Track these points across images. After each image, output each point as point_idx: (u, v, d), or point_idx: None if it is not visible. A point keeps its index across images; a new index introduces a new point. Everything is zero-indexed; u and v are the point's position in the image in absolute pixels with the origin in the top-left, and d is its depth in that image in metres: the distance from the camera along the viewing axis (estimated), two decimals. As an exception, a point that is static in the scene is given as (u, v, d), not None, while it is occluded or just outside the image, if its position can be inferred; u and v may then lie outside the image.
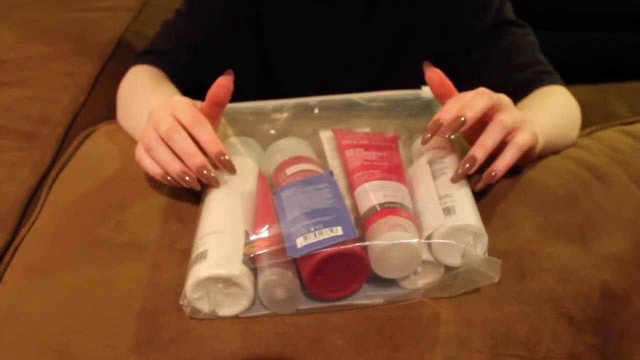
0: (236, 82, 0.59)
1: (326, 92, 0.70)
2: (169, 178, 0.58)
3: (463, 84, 0.85)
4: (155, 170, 0.58)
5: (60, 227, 0.63)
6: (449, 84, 0.60)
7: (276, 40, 0.88)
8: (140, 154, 0.59)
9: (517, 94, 0.76)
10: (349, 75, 0.89)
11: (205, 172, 0.56)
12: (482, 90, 0.58)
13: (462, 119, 0.55)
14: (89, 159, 0.72)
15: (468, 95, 0.58)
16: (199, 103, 0.60)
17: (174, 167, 0.56)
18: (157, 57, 0.82)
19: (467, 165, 0.56)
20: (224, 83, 0.58)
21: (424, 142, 0.57)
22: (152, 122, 0.59)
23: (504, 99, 0.60)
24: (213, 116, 0.60)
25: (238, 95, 0.65)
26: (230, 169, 0.57)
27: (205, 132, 0.57)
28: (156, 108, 0.59)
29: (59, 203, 0.67)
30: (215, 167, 0.57)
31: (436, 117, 0.57)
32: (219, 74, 0.60)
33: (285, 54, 0.89)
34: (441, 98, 0.60)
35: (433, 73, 0.59)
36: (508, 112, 0.59)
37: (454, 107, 0.57)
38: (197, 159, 0.56)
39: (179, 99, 0.59)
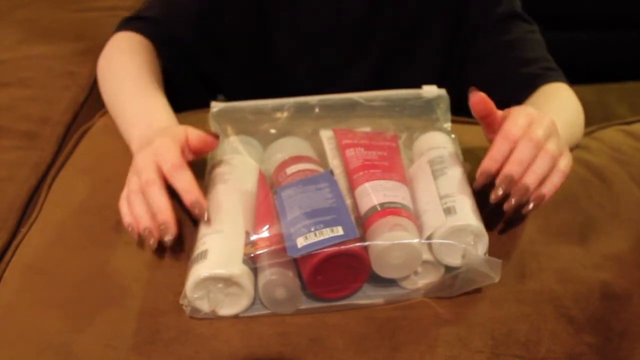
0: (234, 72, 0.58)
1: (331, 82, 0.69)
2: (130, 229, 0.56)
3: (467, 71, 0.85)
4: (125, 219, 0.57)
5: (60, 227, 0.63)
6: (492, 109, 0.59)
7: (282, 26, 0.85)
8: (121, 198, 0.59)
9: (524, 88, 0.77)
10: (357, 66, 0.87)
11: (163, 228, 0.54)
12: (542, 145, 0.56)
13: (525, 192, 0.55)
14: (87, 157, 0.72)
15: (519, 137, 0.57)
16: (188, 133, 0.59)
17: (143, 222, 0.55)
18: (146, 25, 0.79)
19: (525, 192, 0.55)
20: (209, 142, 0.59)
21: (476, 186, 0.56)
22: (135, 170, 0.58)
23: (545, 122, 0.59)
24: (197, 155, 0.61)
25: (236, 85, 0.65)
26: (201, 216, 0.55)
27: (183, 181, 0.56)
28: (140, 154, 0.58)
29: (59, 202, 0.67)
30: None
31: (487, 167, 0.56)
32: (212, 52, 0.59)
33: (291, 41, 0.87)
34: (482, 119, 0.60)
35: (477, 97, 0.58)
36: (554, 139, 0.58)
37: (517, 169, 0.55)
38: (161, 215, 0.54)
39: (161, 143, 0.58)
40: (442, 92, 0.66)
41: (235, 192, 0.58)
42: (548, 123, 0.59)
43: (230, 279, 0.51)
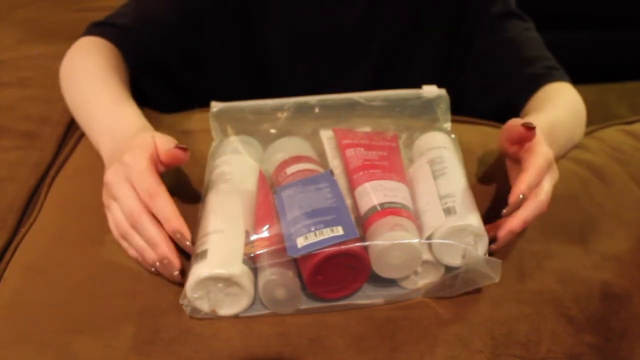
0: (216, 85, 0.57)
1: (331, 85, 0.68)
2: (142, 264, 0.56)
3: (467, 71, 0.85)
4: (132, 254, 0.57)
5: (60, 227, 0.63)
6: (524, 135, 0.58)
7: (273, 34, 0.84)
8: (116, 233, 0.58)
9: (528, 88, 0.77)
10: (356, 67, 0.87)
11: (165, 262, 0.54)
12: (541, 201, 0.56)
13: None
14: (87, 157, 0.72)
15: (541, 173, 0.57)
16: (157, 144, 0.57)
17: (149, 256, 0.55)
18: (115, 32, 0.76)
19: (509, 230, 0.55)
20: (179, 157, 0.56)
21: (505, 215, 0.56)
22: (110, 194, 0.56)
23: (554, 168, 0.59)
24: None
25: (217, 97, 0.64)
26: (184, 246, 0.54)
27: (164, 209, 0.54)
28: (112, 171, 0.56)
29: (59, 202, 0.67)
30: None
31: (516, 197, 0.55)
32: (185, 65, 0.58)
33: (283, 50, 0.86)
34: (511, 147, 0.60)
35: (529, 132, 0.57)
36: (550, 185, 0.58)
37: (518, 225, 0.55)
38: (160, 248, 0.54)
39: (132, 160, 0.56)
40: (442, 92, 0.66)
41: (236, 192, 0.58)
42: (554, 169, 0.59)
43: (230, 279, 0.51)
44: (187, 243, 0.53)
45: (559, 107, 0.72)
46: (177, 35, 0.79)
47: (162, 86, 0.81)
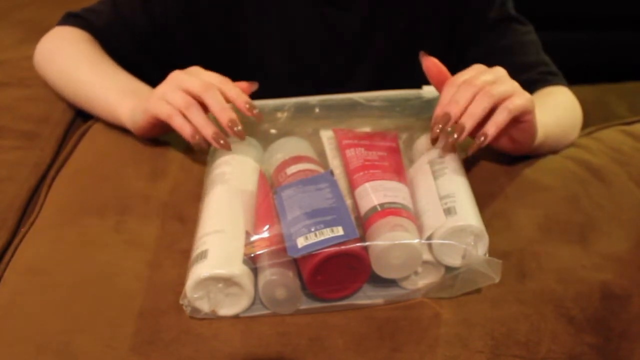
0: None
1: (331, 90, 0.68)
2: (197, 137, 0.60)
3: None
4: (186, 129, 0.61)
5: (60, 227, 0.63)
6: (445, 71, 0.62)
7: (270, 46, 0.84)
8: (169, 110, 0.61)
9: None
10: (356, 70, 0.87)
11: (236, 128, 0.59)
12: (483, 87, 0.58)
13: (460, 132, 0.57)
14: (87, 157, 0.72)
15: (462, 82, 0.59)
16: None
17: (208, 130, 0.60)
18: (90, 27, 0.79)
19: (459, 132, 0.57)
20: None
21: (432, 142, 0.59)
22: (176, 82, 0.62)
23: (499, 72, 0.61)
24: None
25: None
26: (259, 117, 0.62)
27: (234, 89, 0.61)
28: (178, 71, 0.63)
29: (59, 202, 0.67)
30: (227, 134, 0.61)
31: (437, 114, 0.58)
32: (162, 65, 0.61)
33: (282, 62, 0.86)
34: (438, 85, 0.62)
35: (429, 61, 0.61)
36: (502, 82, 0.59)
37: (453, 109, 0.58)
38: (229, 112, 0.60)
39: (199, 67, 0.63)
40: (442, 92, 0.66)
41: (236, 192, 0.58)
42: (499, 72, 0.61)
43: (230, 279, 0.51)
44: (256, 111, 0.61)
45: (547, 103, 0.73)
46: (149, 43, 0.80)
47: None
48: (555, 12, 1.34)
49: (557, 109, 0.73)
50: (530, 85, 0.77)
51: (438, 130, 0.57)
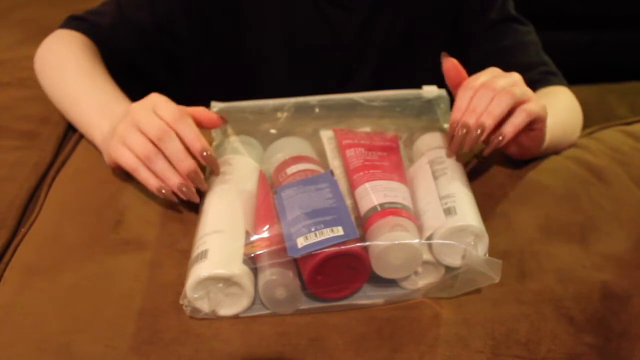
0: (207, 91, 0.58)
1: (331, 90, 0.68)
2: (163, 192, 0.58)
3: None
4: (152, 183, 0.58)
5: (59, 227, 0.63)
6: (464, 74, 0.61)
7: (270, 48, 0.84)
8: (133, 163, 0.58)
9: None
10: (356, 71, 0.87)
11: (194, 176, 0.56)
12: (502, 88, 0.58)
13: (479, 131, 0.57)
14: (87, 157, 0.72)
15: (479, 85, 0.59)
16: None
17: (174, 180, 0.57)
18: (93, 29, 0.78)
19: (479, 132, 0.56)
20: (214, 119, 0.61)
21: (450, 153, 0.59)
22: (133, 121, 0.58)
23: (515, 77, 0.61)
24: None
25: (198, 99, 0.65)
26: (214, 165, 0.57)
27: (188, 129, 0.57)
28: (136, 106, 0.59)
29: (59, 202, 0.67)
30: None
31: (454, 118, 0.58)
32: (165, 64, 0.60)
33: (282, 63, 0.86)
34: (454, 87, 0.61)
35: (449, 63, 0.61)
36: (519, 86, 0.59)
37: (471, 118, 0.57)
38: (187, 162, 0.56)
39: (157, 96, 0.59)
40: (442, 92, 0.66)
41: (236, 192, 0.58)
42: (514, 77, 0.60)
43: (230, 279, 0.51)
44: (215, 160, 0.57)
45: (549, 104, 0.72)
46: (155, 41, 0.80)
47: (141, 88, 0.82)
48: (555, 12, 1.34)
49: (558, 110, 0.73)
50: (531, 85, 0.77)
51: (458, 141, 0.57)
